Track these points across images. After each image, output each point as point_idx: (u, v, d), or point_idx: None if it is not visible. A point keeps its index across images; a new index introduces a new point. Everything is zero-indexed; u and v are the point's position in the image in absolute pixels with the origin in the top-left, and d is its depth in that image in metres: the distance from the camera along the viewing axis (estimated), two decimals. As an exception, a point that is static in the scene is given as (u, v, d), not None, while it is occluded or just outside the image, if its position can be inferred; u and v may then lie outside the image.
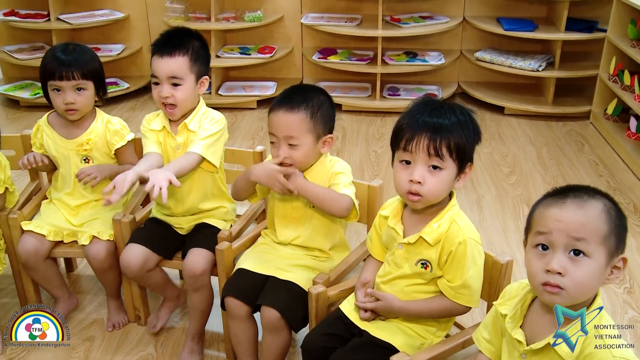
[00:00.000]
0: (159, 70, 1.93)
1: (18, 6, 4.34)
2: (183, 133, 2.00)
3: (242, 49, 4.32)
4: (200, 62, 1.97)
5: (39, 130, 2.15)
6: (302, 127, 1.75)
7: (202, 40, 2.02)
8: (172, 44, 1.93)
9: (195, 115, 2.01)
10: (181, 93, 1.94)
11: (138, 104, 4.34)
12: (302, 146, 1.76)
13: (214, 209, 2.11)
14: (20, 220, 2.08)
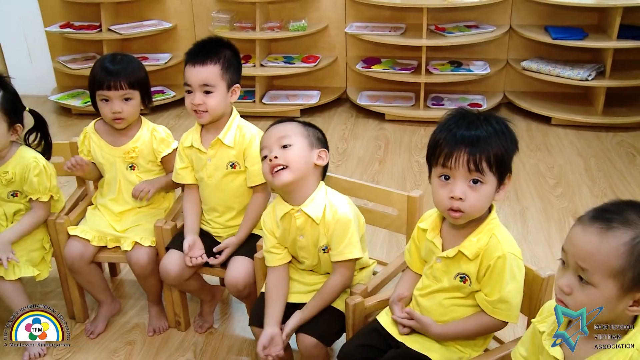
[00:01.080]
0: (191, 79, 1.96)
1: (73, 18, 4.48)
2: (216, 146, 2.02)
3: (287, 58, 4.35)
4: (231, 70, 1.99)
5: (86, 137, 2.21)
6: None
7: (234, 49, 2.04)
8: (204, 53, 1.96)
9: (230, 129, 2.01)
10: (213, 100, 1.96)
11: (184, 112, 4.41)
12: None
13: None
14: (66, 225, 2.14)
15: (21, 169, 2.09)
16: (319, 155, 1.77)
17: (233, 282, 1.97)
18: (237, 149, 2.00)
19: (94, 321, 2.29)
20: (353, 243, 1.73)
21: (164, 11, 4.47)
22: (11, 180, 2.09)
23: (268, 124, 2.06)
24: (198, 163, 2.05)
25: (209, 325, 2.28)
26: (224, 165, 2.02)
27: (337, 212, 1.72)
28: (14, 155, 2.10)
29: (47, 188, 2.13)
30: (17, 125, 2.09)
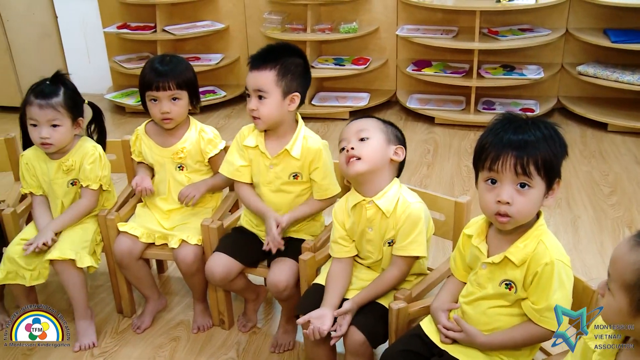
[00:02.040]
0: (248, 83, 1.97)
1: (130, 19, 4.59)
2: (281, 156, 2.00)
3: (337, 60, 4.35)
4: (290, 77, 1.94)
5: (137, 138, 2.25)
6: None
7: (301, 57, 2.00)
8: (263, 58, 1.95)
9: (297, 141, 1.99)
10: (265, 107, 1.94)
11: (234, 112, 4.46)
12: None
13: (301, 225, 2.12)
14: (117, 221, 2.18)
15: (80, 157, 2.16)
16: (396, 152, 1.81)
17: (274, 282, 1.98)
18: (302, 160, 1.99)
19: (141, 316, 2.33)
20: (419, 241, 1.76)
21: (217, 12, 4.53)
22: (71, 167, 2.16)
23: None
24: (257, 166, 2.04)
25: (252, 324, 2.30)
26: (286, 175, 2.01)
27: (410, 207, 1.76)
28: (75, 145, 2.17)
29: (98, 177, 2.17)
30: (80, 118, 2.16)
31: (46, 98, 2.06)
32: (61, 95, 2.09)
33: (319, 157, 1.99)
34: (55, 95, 2.08)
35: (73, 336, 2.24)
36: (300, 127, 2.02)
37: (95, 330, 2.24)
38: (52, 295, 2.50)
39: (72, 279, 2.13)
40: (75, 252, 2.09)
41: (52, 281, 2.21)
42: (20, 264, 2.12)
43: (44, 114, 2.06)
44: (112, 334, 2.30)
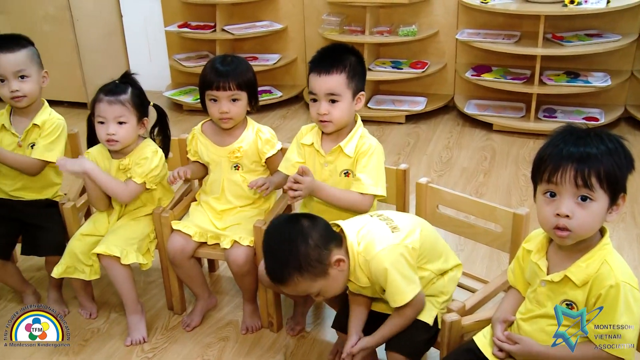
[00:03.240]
0: (317, 88, 1.94)
1: (190, 19, 4.66)
2: (335, 153, 2.00)
3: (394, 63, 4.30)
4: (357, 78, 1.95)
5: (194, 138, 2.27)
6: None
7: (359, 55, 2.00)
8: (329, 61, 1.93)
9: (352, 139, 1.98)
10: (338, 110, 1.93)
11: (289, 113, 4.47)
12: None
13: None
14: (170, 220, 2.21)
15: (137, 158, 2.19)
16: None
17: None
18: (354, 157, 1.98)
19: (191, 314, 2.35)
20: (397, 291, 1.68)
21: (275, 12, 4.55)
22: (127, 166, 2.19)
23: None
24: (312, 165, 2.04)
25: (300, 328, 2.29)
26: (338, 172, 2.01)
27: (371, 267, 1.70)
28: (137, 147, 2.20)
29: (144, 172, 2.16)
30: (145, 119, 2.20)
31: (115, 95, 2.12)
32: (129, 93, 2.14)
33: (369, 154, 1.97)
34: (124, 93, 2.13)
35: (125, 330, 2.28)
36: (358, 127, 2.01)
37: (145, 326, 2.28)
38: (106, 289, 2.55)
39: (118, 275, 2.17)
40: (120, 249, 2.13)
41: (106, 275, 2.24)
42: (80, 258, 2.17)
43: (112, 110, 2.10)
44: (162, 330, 2.32)
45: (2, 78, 2.22)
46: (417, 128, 4.13)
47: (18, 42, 2.27)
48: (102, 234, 2.24)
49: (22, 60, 2.22)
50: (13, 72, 2.21)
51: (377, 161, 1.98)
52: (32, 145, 2.30)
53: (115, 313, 2.42)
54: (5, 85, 2.22)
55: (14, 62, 2.21)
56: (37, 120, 2.29)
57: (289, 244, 1.63)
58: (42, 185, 2.36)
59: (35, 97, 2.29)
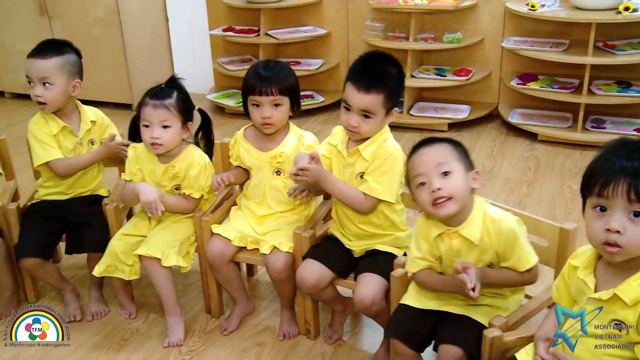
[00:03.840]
0: (353, 101, 1.92)
1: (235, 22, 4.70)
2: (354, 156, 2.00)
3: (438, 70, 4.26)
4: (395, 97, 1.94)
5: (236, 142, 2.28)
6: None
7: (401, 70, 1.97)
8: (371, 79, 1.90)
9: (372, 144, 1.97)
10: (369, 125, 1.94)
11: (331, 118, 4.46)
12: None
13: (384, 236, 2.08)
14: (211, 223, 2.21)
15: (186, 165, 2.21)
16: (474, 178, 1.70)
17: (360, 298, 1.94)
18: (370, 161, 1.97)
19: (228, 318, 2.35)
20: (523, 255, 1.68)
21: (319, 18, 4.55)
22: (176, 174, 2.21)
23: (414, 135, 2.03)
24: (336, 165, 2.05)
25: (338, 336, 2.27)
26: (355, 174, 2.01)
27: (501, 223, 1.68)
28: (182, 152, 2.23)
29: (202, 186, 2.23)
30: (189, 123, 2.22)
31: (160, 99, 2.14)
32: (174, 97, 2.16)
33: (383, 158, 1.95)
34: (169, 97, 2.16)
35: (163, 331, 2.30)
36: (382, 133, 1.99)
37: (184, 328, 2.29)
38: (145, 289, 2.58)
39: (158, 277, 2.18)
40: (161, 251, 2.14)
41: (146, 275, 2.26)
42: (120, 258, 2.20)
43: (157, 114, 2.13)
44: (199, 333, 2.33)
45: (30, 81, 2.27)
46: (459, 136, 4.07)
47: (56, 49, 2.29)
48: (143, 234, 2.27)
49: (48, 68, 2.25)
50: (38, 77, 2.25)
51: (392, 167, 1.95)
52: (91, 141, 2.36)
53: (154, 314, 2.44)
54: (32, 88, 2.27)
55: (41, 68, 2.25)
56: (92, 117, 2.36)
57: None
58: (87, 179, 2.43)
59: (59, 105, 2.31)
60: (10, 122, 2.34)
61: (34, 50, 2.28)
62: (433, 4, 4.01)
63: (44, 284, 2.55)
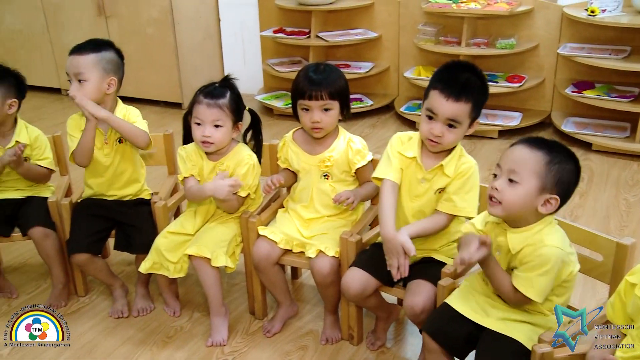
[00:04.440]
0: (440, 110, 1.86)
1: (285, 24, 4.71)
2: (435, 171, 1.96)
3: (490, 76, 4.17)
4: (479, 107, 1.90)
5: (285, 145, 2.28)
6: None
7: (484, 81, 1.93)
8: (460, 88, 1.85)
9: (453, 158, 1.94)
10: (453, 135, 1.89)
11: (379, 122, 4.43)
12: None
13: (442, 246, 2.05)
14: (257, 225, 2.21)
15: (235, 163, 2.23)
16: (547, 202, 1.65)
17: (410, 305, 1.91)
18: (452, 178, 1.94)
19: (272, 320, 2.35)
20: (536, 285, 1.64)
21: (371, 21, 4.52)
22: (224, 171, 2.22)
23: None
24: (408, 178, 2.00)
25: (381, 343, 2.24)
26: (434, 190, 1.97)
27: (542, 248, 1.64)
28: (231, 150, 2.25)
29: (248, 185, 2.23)
30: (240, 123, 2.24)
31: (214, 98, 2.16)
32: (227, 97, 2.18)
33: (467, 176, 1.92)
34: (223, 97, 2.17)
35: (207, 330, 2.31)
36: (458, 146, 1.96)
37: (227, 328, 2.30)
38: (191, 288, 2.60)
39: (207, 277, 2.20)
40: (211, 251, 2.15)
41: (192, 274, 2.28)
42: (165, 256, 2.22)
43: (210, 113, 2.14)
44: (242, 334, 2.34)
45: (69, 78, 2.30)
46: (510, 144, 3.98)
47: (93, 46, 2.31)
48: (189, 233, 2.28)
49: (83, 65, 2.26)
50: (74, 73, 2.27)
51: (474, 183, 1.93)
52: (120, 140, 2.38)
53: (199, 313, 2.46)
54: (70, 85, 2.30)
55: (76, 64, 2.27)
56: (118, 114, 2.35)
57: None
58: (126, 181, 2.44)
59: (95, 101, 2.30)
60: (65, 119, 2.38)
61: (74, 47, 2.31)
62: (487, 9, 3.94)
63: (92, 279, 2.60)
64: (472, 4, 3.99)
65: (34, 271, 2.77)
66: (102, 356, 2.25)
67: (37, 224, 2.38)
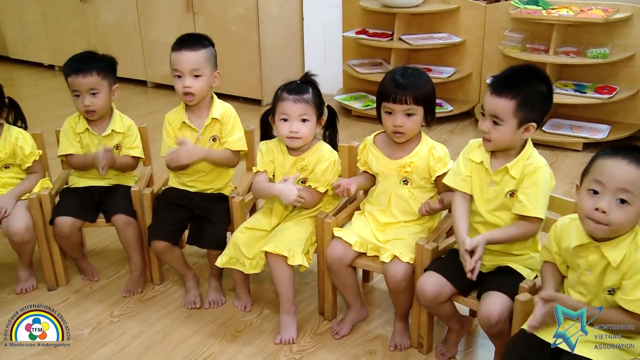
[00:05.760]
0: (486, 107, 1.90)
1: (368, 25, 4.69)
2: (501, 174, 1.93)
3: (578, 86, 4.02)
4: (530, 108, 1.85)
5: (365, 148, 2.26)
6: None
7: (546, 83, 1.88)
8: (505, 84, 1.86)
9: (519, 161, 1.90)
10: (497, 133, 1.88)
11: (458, 128, 4.35)
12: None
13: (519, 254, 1.99)
14: (333, 226, 2.21)
15: (316, 159, 2.24)
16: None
17: (485, 315, 1.86)
18: (519, 179, 1.90)
19: (341, 322, 2.34)
20: None
21: (455, 25, 4.44)
22: (305, 167, 2.25)
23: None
24: (478, 182, 1.97)
25: (451, 355, 2.19)
26: (504, 193, 1.94)
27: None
28: (312, 147, 2.27)
29: (328, 181, 2.24)
30: (322, 118, 2.26)
31: (299, 94, 2.19)
32: (311, 92, 2.21)
33: (533, 175, 1.87)
34: (307, 93, 2.20)
35: (276, 327, 2.32)
36: (527, 148, 1.92)
37: (296, 327, 2.30)
38: (262, 284, 2.62)
39: (282, 275, 2.20)
40: (289, 249, 2.16)
41: (264, 271, 2.30)
42: (243, 251, 2.24)
43: (298, 107, 2.17)
44: (311, 334, 2.33)
45: (179, 74, 2.34)
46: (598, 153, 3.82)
47: (201, 42, 2.38)
48: (265, 229, 2.30)
49: (200, 60, 2.33)
50: (189, 69, 2.32)
51: (542, 183, 1.87)
52: (213, 138, 2.41)
53: (268, 309, 2.48)
54: (180, 80, 2.35)
55: (193, 60, 2.32)
56: (215, 114, 2.40)
57: None
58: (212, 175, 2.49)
59: (205, 95, 2.40)
60: (149, 110, 2.46)
61: (181, 43, 2.36)
62: (580, 16, 3.80)
63: (167, 268, 2.66)
64: (564, 11, 3.85)
65: (114, 256, 2.87)
66: (174, 344, 2.30)
67: (120, 211, 2.46)
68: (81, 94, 2.44)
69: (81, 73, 2.42)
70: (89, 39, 5.53)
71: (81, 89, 2.43)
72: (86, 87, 2.42)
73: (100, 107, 2.47)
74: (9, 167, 2.52)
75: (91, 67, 2.43)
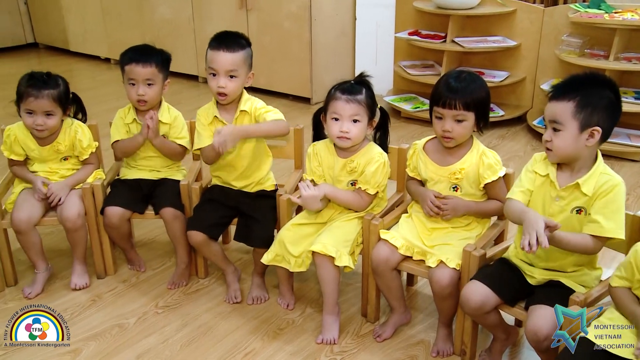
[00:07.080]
0: (545, 112, 1.85)
1: (421, 27, 4.65)
2: (570, 190, 1.86)
3: (638, 94, 3.89)
4: (589, 110, 1.77)
5: (414, 153, 2.24)
6: None
7: (611, 89, 1.81)
8: (564, 88, 1.82)
9: (591, 177, 1.83)
10: (559, 140, 1.81)
11: (509, 134, 4.26)
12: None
13: (573, 270, 1.93)
14: (380, 228, 2.19)
15: (365, 161, 2.23)
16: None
17: (534, 330, 1.80)
18: (592, 196, 1.83)
19: (383, 325, 2.32)
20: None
21: (510, 29, 4.36)
22: (354, 169, 2.24)
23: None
24: (541, 196, 1.91)
25: (495, 364, 2.15)
26: (570, 209, 1.87)
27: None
28: (362, 148, 2.26)
29: (378, 183, 2.23)
30: (373, 120, 2.25)
31: (352, 94, 2.18)
32: (364, 93, 2.19)
33: (611, 193, 1.79)
34: (360, 93, 2.19)
35: (318, 327, 2.32)
36: (599, 164, 1.84)
37: (339, 328, 2.29)
38: (306, 283, 2.62)
39: (328, 275, 2.19)
40: (336, 250, 2.15)
41: (308, 269, 2.29)
42: (288, 249, 2.24)
43: (349, 108, 2.17)
44: (352, 335, 2.32)
45: (215, 72, 2.35)
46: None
47: (239, 42, 2.38)
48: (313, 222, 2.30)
49: (237, 62, 2.34)
50: (225, 70, 2.33)
51: (620, 202, 1.80)
52: None
53: (311, 309, 2.47)
54: (215, 79, 2.36)
55: (230, 62, 2.33)
56: (244, 107, 2.40)
57: None
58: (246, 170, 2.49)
59: (237, 96, 2.40)
60: (200, 105, 2.48)
61: (219, 43, 2.36)
62: (643, 21, 3.67)
63: (212, 263, 2.69)
64: (629, 15, 3.72)
65: (161, 248, 2.92)
66: (216, 339, 2.31)
67: (168, 205, 2.50)
68: (137, 82, 2.49)
69: (141, 63, 2.48)
70: (145, 33, 5.65)
71: (138, 78, 2.48)
72: (143, 77, 2.48)
73: (152, 98, 2.51)
74: (67, 159, 2.59)
75: (151, 59, 2.50)
